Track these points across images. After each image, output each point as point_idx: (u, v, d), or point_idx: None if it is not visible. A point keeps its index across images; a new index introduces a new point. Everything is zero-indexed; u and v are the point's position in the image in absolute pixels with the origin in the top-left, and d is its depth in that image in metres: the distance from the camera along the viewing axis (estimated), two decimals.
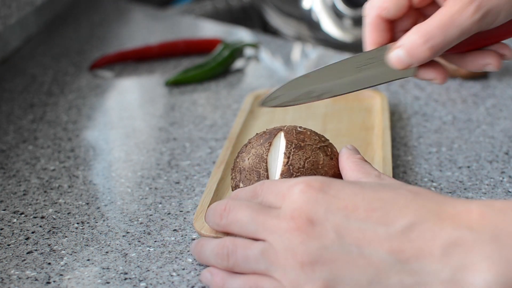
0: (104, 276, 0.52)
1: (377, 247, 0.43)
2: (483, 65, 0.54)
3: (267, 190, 0.49)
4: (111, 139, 0.77)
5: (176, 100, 0.85)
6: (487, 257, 0.41)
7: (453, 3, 0.50)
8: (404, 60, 0.52)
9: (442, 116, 0.77)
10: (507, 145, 0.70)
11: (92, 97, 0.88)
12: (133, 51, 0.99)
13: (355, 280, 0.43)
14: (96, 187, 0.66)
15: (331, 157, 0.55)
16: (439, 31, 0.50)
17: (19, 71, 0.97)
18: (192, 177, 0.66)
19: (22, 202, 0.63)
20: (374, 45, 0.54)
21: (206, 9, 1.33)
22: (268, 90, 0.58)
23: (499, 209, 0.42)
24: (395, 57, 0.52)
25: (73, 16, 1.22)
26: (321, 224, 0.44)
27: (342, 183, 0.47)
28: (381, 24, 0.53)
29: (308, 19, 1.16)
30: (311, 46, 1.08)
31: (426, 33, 0.50)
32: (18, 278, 0.52)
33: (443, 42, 0.50)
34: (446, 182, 0.63)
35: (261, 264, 0.46)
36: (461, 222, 0.42)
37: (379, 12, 0.52)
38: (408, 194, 0.45)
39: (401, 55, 0.51)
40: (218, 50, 0.94)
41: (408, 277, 0.42)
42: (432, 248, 0.42)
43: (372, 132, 0.70)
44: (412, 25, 0.54)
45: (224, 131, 0.76)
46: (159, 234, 0.57)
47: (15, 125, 0.80)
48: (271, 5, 1.26)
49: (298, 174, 0.53)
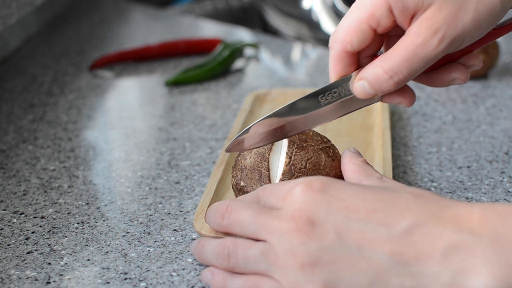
0: (104, 276, 0.52)
1: (378, 249, 0.43)
2: (450, 81, 0.53)
3: (269, 192, 0.49)
4: (111, 139, 0.77)
5: (176, 100, 0.85)
6: (487, 261, 0.40)
7: (416, 35, 0.48)
8: (369, 91, 0.51)
9: (442, 116, 0.77)
10: (507, 145, 0.70)
11: (92, 97, 0.88)
12: (133, 51, 0.99)
13: (355, 281, 0.43)
14: (96, 187, 0.66)
15: (333, 158, 0.55)
16: (404, 65, 0.49)
17: (19, 71, 0.97)
18: (192, 177, 0.66)
19: (22, 202, 0.63)
20: (338, 77, 0.53)
21: (206, 9, 1.33)
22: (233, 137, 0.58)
23: (500, 212, 0.42)
24: (360, 88, 0.51)
25: (73, 16, 1.22)
26: (321, 225, 0.44)
27: (343, 184, 0.47)
28: (346, 58, 0.52)
29: (308, 19, 1.16)
30: (311, 46, 1.08)
31: (390, 68, 0.49)
32: (18, 278, 0.52)
33: (408, 75, 0.50)
34: (446, 182, 0.63)
35: (261, 264, 0.46)
36: (462, 225, 0.42)
37: (343, 47, 0.51)
38: (409, 196, 0.45)
39: (365, 86, 0.51)
40: (218, 50, 0.94)
41: (408, 280, 0.42)
42: (432, 251, 0.42)
43: (372, 132, 0.70)
44: (377, 50, 0.53)
45: (224, 131, 0.76)
46: (159, 234, 0.57)
47: (15, 125, 0.80)
48: (271, 5, 1.27)
49: (299, 174, 0.53)
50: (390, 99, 0.53)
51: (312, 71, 0.97)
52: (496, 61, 0.85)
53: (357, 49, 0.51)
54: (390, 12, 0.49)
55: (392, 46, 0.50)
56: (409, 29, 0.49)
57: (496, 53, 0.85)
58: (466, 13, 0.48)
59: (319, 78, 0.92)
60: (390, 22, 0.50)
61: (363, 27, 0.50)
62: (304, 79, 0.94)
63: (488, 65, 0.85)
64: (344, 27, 0.51)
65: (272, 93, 0.80)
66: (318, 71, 0.95)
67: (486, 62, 0.84)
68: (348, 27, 0.51)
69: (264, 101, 0.79)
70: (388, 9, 0.49)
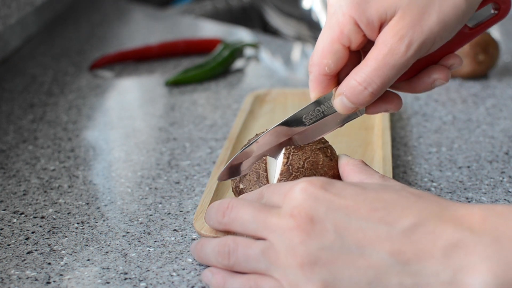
0: (104, 276, 0.52)
1: (378, 248, 0.43)
2: (431, 83, 0.53)
3: (272, 191, 0.49)
4: (111, 139, 0.77)
5: (176, 100, 0.85)
6: (487, 259, 0.41)
7: (383, 44, 0.49)
8: (349, 106, 0.52)
9: (442, 116, 0.77)
10: (507, 145, 0.70)
11: (92, 97, 0.88)
12: (133, 51, 0.99)
13: (355, 280, 0.43)
14: (96, 187, 0.66)
15: (330, 158, 0.55)
16: (376, 75, 0.50)
17: (19, 71, 0.97)
18: (192, 177, 0.66)
19: (22, 202, 0.63)
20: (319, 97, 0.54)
21: (206, 9, 1.33)
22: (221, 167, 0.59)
23: (500, 212, 0.43)
24: (339, 103, 0.52)
25: (73, 16, 1.22)
26: (321, 223, 0.44)
27: (344, 183, 0.47)
28: (325, 80, 0.53)
29: (308, 19, 1.16)
30: (311, 46, 1.08)
31: (363, 79, 0.50)
32: (18, 278, 0.52)
33: (382, 84, 0.50)
34: (446, 182, 0.63)
35: (261, 263, 0.46)
36: (463, 225, 0.42)
37: (321, 70, 0.52)
38: (410, 196, 0.45)
39: (344, 101, 0.52)
40: (218, 50, 0.94)
41: (408, 278, 0.42)
42: (433, 250, 0.42)
43: (372, 132, 0.70)
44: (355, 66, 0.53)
45: (224, 131, 0.76)
46: (159, 234, 0.57)
47: (15, 125, 0.80)
48: (271, 5, 1.27)
49: (297, 174, 0.53)
50: (375, 109, 0.54)
51: None
52: (496, 61, 0.85)
53: (335, 70, 0.52)
54: (358, 27, 0.50)
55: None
56: (377, 40, 0.50)
57: (496, 53, 0.85)
58: (431, 16, 0.49)
59: None
60: (361, 37, 0.51)
61: (336, 47, 0.51)
62: (304, 79, 0.94)
63: (488, 65, 0.85)
64: (318, 50, 0.52)
65: (272, 93, 0.80)
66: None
67: (486, 62, 0.84)
68: (322, 49, 0.51)
69: (264, 101, 0.79)
70: (354, 24, 0.50)
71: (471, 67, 0.84)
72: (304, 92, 0.80)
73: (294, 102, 0.79)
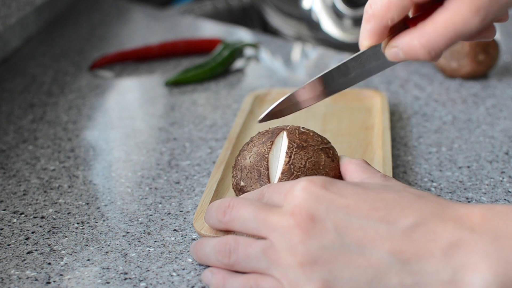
0: (104, 276, 0.52)
1: (378, 247, 0.43)
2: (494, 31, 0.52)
3: (273, 190, 0.49)
4: (111, 139, 0.77)
5: (176, 100, 0.85)
6: (487, 257, 0.41)
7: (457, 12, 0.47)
8: (402, 58, 0.51)
9: (442, 116, 0.77)
10: (507, 145, 0.70)
11: (92, 97, 0.88)
12: (133, 51, 0.99)
13: (355, 280, 0.43)
14: (96, 187, 0.66)
15: (332, 159, 0.55)
16: (442, 41, 0.48)
17: (19, 71, 0.97)
18: (192, 177, 0.66)
19: (22, 202, 0.63)
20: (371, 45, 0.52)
21: (206, 9, 1.33)
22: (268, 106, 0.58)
23: (500, 212, 0.43)
24: (393, 55, 0.51)
25: (73, 16, 1.22)
26: (322, 222, 0.44)
27: (345, 183, 0.47)
28: (384, 31, 0.51)
29: (308, 19, 1.16)
30: (311, 46, 1.08)
31: (428, 43, 0.48)
32: (18, 278, 0.52)
33: (444, 49, 0.49)
34: (446, 182, 0.63)
35: (262, 262, 0.46)
36: (463, 224, 0.42)
37: (383, 23, 0.50)
38: (411, 196, 0.45)
39: (399, 54, 0.50)
40: (218, 50, 0.94)
41: (408, 277, 0.42)
42: (433, 249, 0.42)
43: (372, 132, 0.70)
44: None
45: (224, 131, 0.76)
46: (159, 234, 0.57)
47: (15, 125, 0.80)
48: (271, 5, 1.27)
49: (299, 174, 0.53)
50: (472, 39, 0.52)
51: (312, 71, 0.97)
52: (496, 61, 0.85)
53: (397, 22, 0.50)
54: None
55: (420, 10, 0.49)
56: (449, 3, 0.47)
57: (496, 53, 0.85)
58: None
59: None
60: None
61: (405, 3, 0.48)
62: (304, 79, 0.94)
63: (488, 65, 0.85)
64: (384, 3, 0.49)
65: (272, 93, 0.80)
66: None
67: (486, 62, 0.84)
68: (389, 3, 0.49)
69: (264, 101, 0.79)
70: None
71: (471, 67, 0.84)
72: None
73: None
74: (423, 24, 0.49)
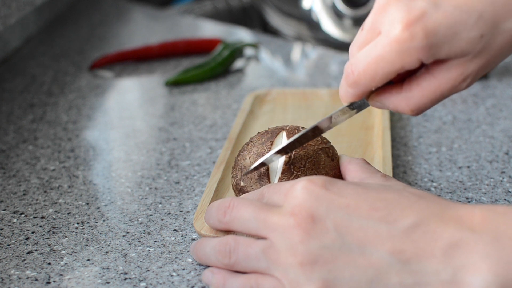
0: (104, 276, 0.52)
1: (379, 247, 0.43)
2: None
3: (273, 190, 0.49)
4: (111, 139, 0.77)
5: (176, 100, 0.85)
6: (487, 258, 0.41)
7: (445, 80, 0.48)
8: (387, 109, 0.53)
9: (442, 116, 0.77)
10: (507, 145, 0.70)
11: (92, 97, 0.88)
12: (133, 51, 0.99)
13: (355, 280, 0.43)
14: (96, 187, 0.66)
15: (332, 159, 0.55)
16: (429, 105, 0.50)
17: (19, 71, 0.97)
18: (192, 177, 0.66)
19: (22, 202, 0.63)
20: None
21: (206, 9, 1.33)
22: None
23: (501, 212, 0.43)
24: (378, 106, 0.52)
25: (73, 16, 1.22)
26: (322, 221, 0.44)
27: (345, 183, 0.47)
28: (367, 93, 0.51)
29: (308, 19, 1.16)
30: (311, 46, 1.08)
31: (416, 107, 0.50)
32: (18, 278, 0.52)
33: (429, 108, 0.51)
34: (446, 182, 0.63)
35: (262, 262, 0.46)
36: (464, 224, 0.42)
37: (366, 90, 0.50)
38: (411, 196, 0.45)
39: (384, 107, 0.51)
40: (218, 50, 0.94)
41: (409, 277, 0.42)
42: (433, 249, 0.42)
43: (372, 132, 0.70)
44: None
45: (224, 131, 0.76)
46: (159, 234, 0.57)
47: (15, 125, 0.80)
48: (271, 5, 1.26)
49: (298, 173, 0.53)
50: None
51: (312, 71, 0.97)
52: None
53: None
54: (420, 62, 0.47)
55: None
56: (437, 71, 0.48)
57: None
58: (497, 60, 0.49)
59: (319, 78, 0.92)
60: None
61: (390, 76, 0.49)
62: (304, 79, 0.94)
63: None
64: (369, 74, 0.49)
65: (272, 93, 0.80)
66: (318, 71, 0.95)
67: None
68: (374, 76, 0.49)
69: (264, 101, 0.79)
70: (417, 61, 0.47)
71: None
72: (304, 92, 0.80)
73: (294, 102, 0.79)
74: (410, 87, 0.50)
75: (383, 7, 0.48)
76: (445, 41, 0.46)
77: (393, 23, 0.46)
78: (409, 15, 0.46)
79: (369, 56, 0.48)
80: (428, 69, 0.49)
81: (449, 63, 0.48)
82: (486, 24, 0.46)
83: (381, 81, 0.49)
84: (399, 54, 0.47)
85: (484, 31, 0.46)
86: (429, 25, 0.46)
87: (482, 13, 0.46)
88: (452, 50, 0.47)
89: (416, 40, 0.46)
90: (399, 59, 0.47)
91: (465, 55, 0.47)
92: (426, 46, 0.46)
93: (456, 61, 0.48)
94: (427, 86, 0.49)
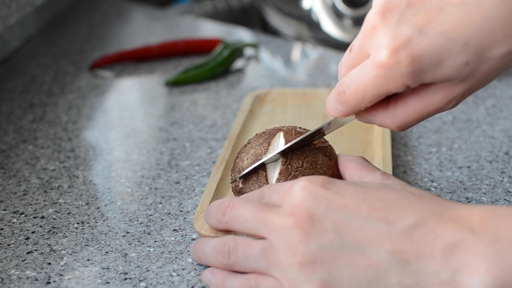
0: (104, 276, 0.52)
1: (378, 247, 0.43)
2: None
3: (272, 190, 0.49)
4: (111, 139, 0.77)
5: (176, 100, 0.85)
6: (487, 259, 0.41)
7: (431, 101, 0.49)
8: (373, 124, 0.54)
9: (442, 116, 0.77)
10: (507, 145, 0.70)
11: (92, 97, 0.88)
12: (133, 51, 0.99)
13: (354, 280, 0.43)
14: (96, 187, 0.66)
15: (330, 158, 0.55)
16: (415, 123, 0.51)
17: (19, 71, 0.97)
18: (192, 177, 0.66)
19: (22, 202, 0.63)
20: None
21: (206, 9, 1.33)
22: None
23: (500, 213, 0.43)
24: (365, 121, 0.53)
25: (73, 16, 1.22)
26: (321, 221, 0.44)
27: (344, 182, 0.47)
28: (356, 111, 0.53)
29: (308, 19, 1.16)
30: (311, 46, 1.08)
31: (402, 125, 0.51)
32: (18, 278, 0.52)
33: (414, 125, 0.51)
34: (446, 182, 0.63)
35: (261, 262, 0.46)
36: (463, 225, 0.42)
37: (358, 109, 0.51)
38: (411, 196, 0.45)
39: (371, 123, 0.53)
40: (218, 50, 0.94)
41: (408, 278, 0.42)
42: (433, 249, 0.42)
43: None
44: None
45: (224, 131, 0.76)
46: (159, 234, 0.57)
47: (15, 125, 0.80)
48: (271, 5, 1.26)
49: (296, 173, 0.53)
50: None
51: (312, 71, 0.97)
52: None
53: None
54: (405, 87, 0.48)
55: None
56: (423, 93, 0.49)
57: None
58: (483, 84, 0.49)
59: (319, 78, 0.92)
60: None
61: (378, 98, 0.50)
62: (304, 79, 0.94)
63: None
64: (358, 96, 0.50)
65: (272, 93, 0.80)
66: (318, 71, 0.95)
67: None
68: (363, 98, 0.50)
69: (264, 101, 0.79)
70: (403, 85, 0.48)
71: None
72: (304, 92, 0.80)
73: (294, 102, 0.79)
74: (395, 105, 0.51)
75: (371, 30, 0.48)
76: (430, 68, 0.47)
77: (380, 48, 0.47)
78: (395, 41, 0.47)
79: (359, 79, 0.49)
80: (414, 90, 0.49)
81: (435, 86, 0.49)
82: (471, 52, 0.47)
83: (370, 102, 0.50)
84: (385, 79, 0.48)
85: (469, 59, 0.47)
86: (414, 52, 0.46)
87: (468, 41, 0.46)
88: (438, 76, 0.47)
89: (401, 66, 0.47)
90: (385, 83, 0.48)
91: (451, 81, 0.48)
92: (411, 72, 0.47)
93: (442, 84, 0.48)
94: (413, 105, 0.50)
